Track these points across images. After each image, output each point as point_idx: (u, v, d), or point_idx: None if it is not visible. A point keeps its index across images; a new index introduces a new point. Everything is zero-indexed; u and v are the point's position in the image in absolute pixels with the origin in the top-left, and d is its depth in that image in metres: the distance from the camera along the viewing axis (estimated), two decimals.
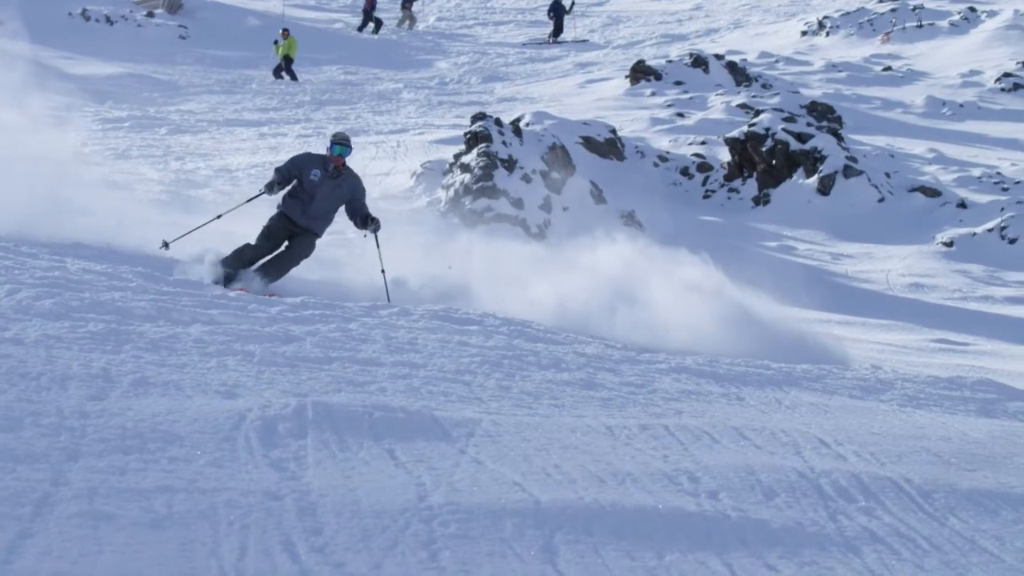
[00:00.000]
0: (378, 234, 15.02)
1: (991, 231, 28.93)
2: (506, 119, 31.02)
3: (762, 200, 32.03)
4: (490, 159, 28.25)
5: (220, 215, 15.39)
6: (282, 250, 14.87)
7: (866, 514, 7.35)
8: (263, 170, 27.45)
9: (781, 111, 33.88)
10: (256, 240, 14.76)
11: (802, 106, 35.05)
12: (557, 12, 50.20)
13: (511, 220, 27.24)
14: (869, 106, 40.12)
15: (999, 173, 32.52)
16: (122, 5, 49.07)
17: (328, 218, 15.04)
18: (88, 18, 46.39)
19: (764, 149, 32.34)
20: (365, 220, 15.00)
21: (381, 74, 43.45)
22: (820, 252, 28.96)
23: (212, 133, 33.51)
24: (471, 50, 48.29)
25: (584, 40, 50.79)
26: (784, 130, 32.56)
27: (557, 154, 29.49)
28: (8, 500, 5.83)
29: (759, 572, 6.32)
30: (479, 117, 30.45)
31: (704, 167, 33.65)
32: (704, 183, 33.32)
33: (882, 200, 31.20)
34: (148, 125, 33.29)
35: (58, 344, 8.73)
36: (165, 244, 14.87)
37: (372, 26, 50.62)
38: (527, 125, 31.22)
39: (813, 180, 31.69)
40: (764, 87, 40.45)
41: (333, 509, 6.28)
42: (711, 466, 7.82)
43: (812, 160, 31.99)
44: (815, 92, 39.80)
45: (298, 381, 8.80)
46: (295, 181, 14.85)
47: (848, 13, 51.93)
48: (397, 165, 31.15)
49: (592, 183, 29.51)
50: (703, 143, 34.78)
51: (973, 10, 50.43)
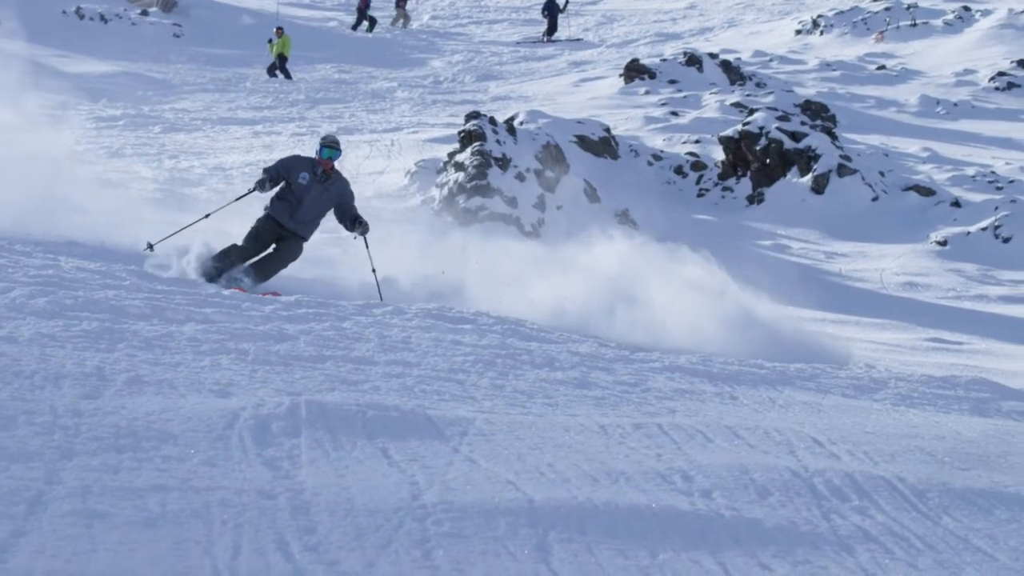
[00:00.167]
0: (367, 236, 14.98)
1: (985, 230, 28.96)
2: (500, 118, 31.00)
3: (756, 199, 32.05)
4: (484, 158, 28.24)
5: (209, 214, 15.24)
6: (270, 252, 14.79)
7: (860, 513, 7.35)
8: (257, 168, 27.34)
9: (775, 110, 33.92)
10: (243, 241, 14.67)
11: (796, 105, 35.11)
12: (551, 11, 50.25)
13: (505, 219, 27.23)
14: (863, 105, 40.14)
15: (993, 172, 32.56)
16: (116, 3, 49.06)
17: (316, 222, 14.99)
18: (82, 16, 46.36)
19: (758, 148, 32.35)
20: (354, 222, 14.95)
21: (375, 73, 43.46)
22: (814, 251, 28.97)
23: (206, 131, 33.49)
24: (465, 49, 48.31)
25: (578, 39, 50.81)
26: (778, 129, 32.57)
27: (551, 153, 29.48)
28: (2, 498, 5.83)
29: (752, 571, 6.32)
30: (473, 116, 30.46)
31: (698, 166, 33.67)
32: (698, 182, 33.34)
33: (876, 199, 31.22)
34: (142, 123, 33.28)
35: (52, 342, 8.73)
36: (150, 246, 14.70)
37: (366, 24, 50.66)
38: (521, 124, 31.21)
39: (807, 179, 31.71)
40: (758, 86, 40.47)
41: (327, 508, 6.28)
42: (705, 465, 7.82)
43: (806, 159, 32.00)
44: (809, 91, 39.83)
45: (292, 380, 8.79)
46: (283, 182, 14.84)
47: (842, 12, 52.00)
48: (391, 164, 31.13)
49: (586, 182, 29.52)
50: (697, 142, 34.80)
51: (967, 9, 50.50)
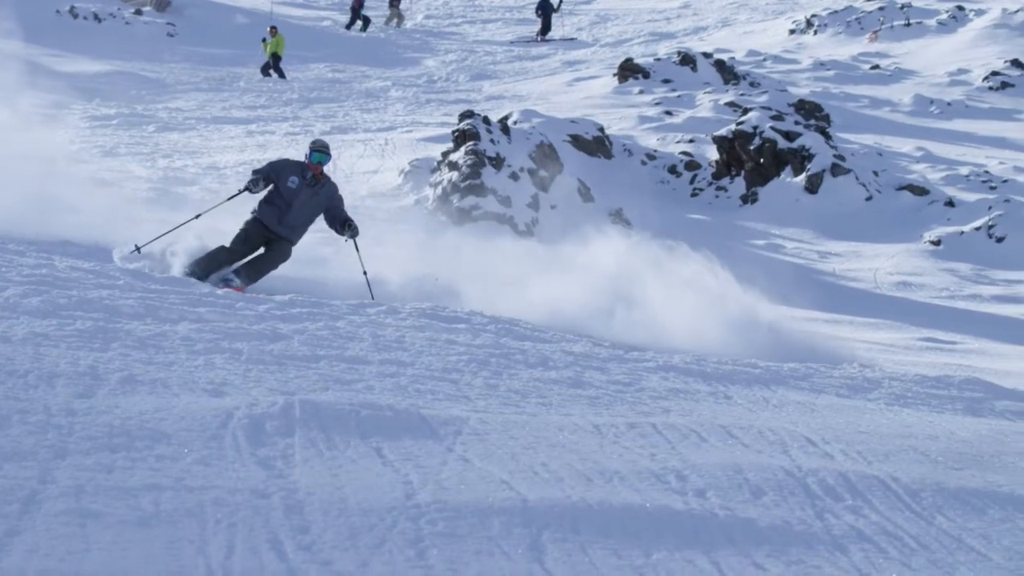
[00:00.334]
0: (358, 238, 14.95)
1: (979, 230, 28.98)
2: (494, 117, 31.02)
3: (750, 198, 32.06)
4: (478, 157, 28.25)
5: (199, 215, 15.11)
6: (260, 254, 14.72)
7: (853, 513, 7.35)
8: (251, 167, 27.39)
9: (769, 109, 33.94)
10: (231, 244, 14.57)
11: (790, 104, 35.14)
12: (545, 10, 50.21)
13: (499, 218, 27.24)
14: (857, 104, 40.17)
15: (987, 172, 32.59)
16: (110, 3, 49.04)
17: (305, 227, 14.92)
18: (76, 15, 46.33)
19: (752, 147, 32.37)
20: (344, 225, 14.90)
21: (369, 72, 43.44)
22: (808, 251, 28.98)
23: (200, 131, 33.47)
24: (459, 48, 48.31)
25: (572, 38, 50.81)
26: (772, 128, 32.60)
27: (545, 152, 29.48)
28: None
29: (746, 570, 6.32)
30: (467, 115, 30.46)
31: (692, 165, 33.67)
32: (692, 181, 33.34)
33: (870, 198, 31.23)
34: (136, 123, 33.25)
35: (45, 342, 8.72)
36: (137, 248, 14.52)
37: (360, 24, 50.64)
38: (515, 123, 31.22)
39: (801, 178, 31.72)
40: (752, 85, 40.50)
41: (320, 507, 6.27)
42: (699, 464, 7.82)
43: (800, 158, 32.02)
44: (803, 90, 39.87)
45: (285, 379, 8.79)
46: (272, 185, 14.77)
47: (836, 11, 52.04)
48: (385, 163, 31.13)
49: (580, 181, 29.52)
50: (691, 141, 34.80)
51: (961, 8, 50.56)
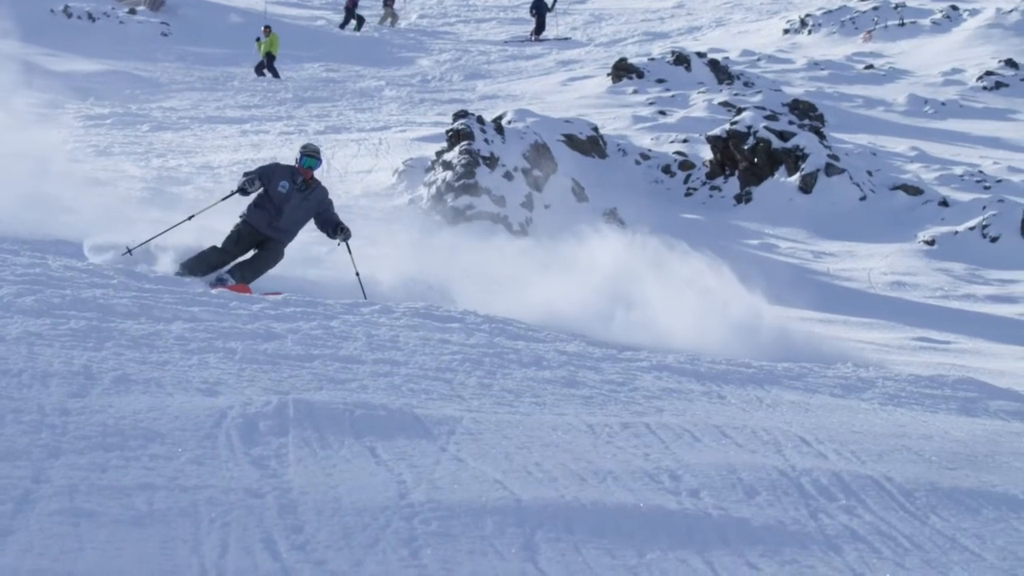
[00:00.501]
0: (349, 241, 14.92)
1: (973, 229, 28.99)
2: (488, 117, 31.00)
3: (744, 198, 32.07)
4: (472, 157, 28.24)
5: (192, 216, 15.04)
6: (255, 254, 14.69)
7: (847, 512, 7.35)
8: (245, 167, 27.37)
9: (763, 109, 33.96)
10: (223, 244, 14.56)
11: (784, 104, 35.15)
12: (539, 10, 50.22)
13: (493, 217, 27.23)
14: (851, 104, 40.20)
15: (981, 171, 32.60)
16: (104, 2, 48.98)
17: (295, 231, 14.88)
18: (70, 15, 46.28)
19: (746, 147, 32.37)
20: (336, 229, 14.89)
21: (363, 71, 43.42)
22: (802, 250, 28.99)
23: (194, 130, 33.44)
24: (453, 47, 48.29)
25: (566, 38, 50.80)
26: (766, 128, 32.59)
27: (539, 152, 29.48)
28: None
29: (740, 570, 6.32)
30: (461, 115, 30.46)
31: (686, 165, 33.67)
32: (686, 181, 33.34)
33: (864, 198, 31.24)
34: (130, 122, 33.22)
35: (39, 341, 8.71)
36: (128, 250, 14.46)
37: (354, 23, 50.62)
38: (509, 123, 31.19)
39: (795, 178, 31.72)
40: (746, 85, 40.51)
41: (314, 507, 6.27)
42: (692, 464, 7.82)
43: (794, 158, 32.02)
44: (797, 90, 39.87)
45: (279, 379, 8.78)
46: (262, 188, 14.72)
47: (830, 11, 52.07)
48: (379, 163, 31.11)
49: (574, 181, 29.53)
50: (685, 141, 34.79)
51: (955, 8, 50.61)
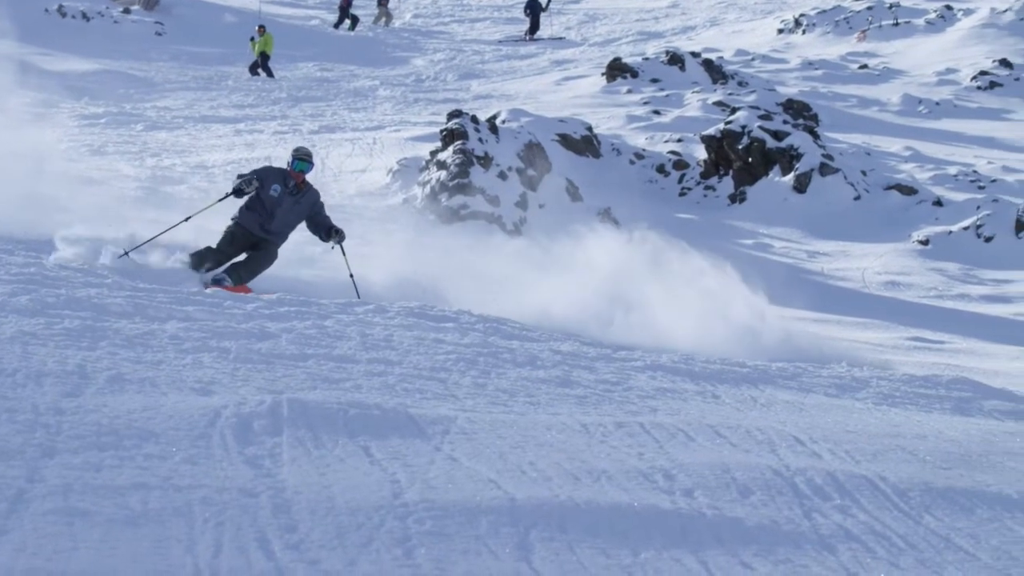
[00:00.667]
0: (343, 243, 14.92)
1: (967, 229, 28.99)
2: (482, 116, 30.98)
3: (738, 198, 32.07)
4: (466, 156, 28.23)
5: (188, 217, 14.99)
6: (250, 255, 14.68)
7: (841, 512, 7.36)
8: (239, 167, 27.36)
9: (757, 109, 33.95)
10: (218, 244, 14.58)
11: (778, 104, 35.16)
12: (533, 9, 50.19)
13: (487, 217, 27.23)
14: (845, 104, 40.20)
15: (975, 171, 32.62)
16: (98, 1, 48.90)
17: (286, 234, 14.90)
18: (64, 14, 46.21)
19: (740, 147, 32.37)
20: (329, 232, 14.90)
21: (357, 71, 43.39)
22: (796, 250, 28.99)
23: (188, 130, 33.41)
24: (447, 47, 48.26)
25: (560, 37, 50.78)
26: (760, 128, 32.59)
27: (533, 151, 29.48)
28: None
29: (734, 570, 6.33)
30: (455, 114, 30.45)
31: (680, 165, 33.66)
32: (680, 181, 33.32)
33: (858, 198, 31.25)
34: (124, 121, 33.19)
35: (33, 340, 8.71)
36: (125, 252, 14.36)
37: (348, 23, 50.58)
38: (503, 122, 31.18)
39: (789, 178, 31.72)
40: (740, 85, 40.52)
41: (308, 506, 6.27)
42: (686, 464, 7.82)
43: (788, 158, 32.02)
44: (791, 90, 39.87)
45: (273, 378, 8.78)
46: (255, 191, 14.70)
47: (824, 11, 52.05)
48: (373, 162, 31.10)
49: (568, 180, 29.52)
50: (679, 141, 34.79)
51: (949, 8, 50.61)
